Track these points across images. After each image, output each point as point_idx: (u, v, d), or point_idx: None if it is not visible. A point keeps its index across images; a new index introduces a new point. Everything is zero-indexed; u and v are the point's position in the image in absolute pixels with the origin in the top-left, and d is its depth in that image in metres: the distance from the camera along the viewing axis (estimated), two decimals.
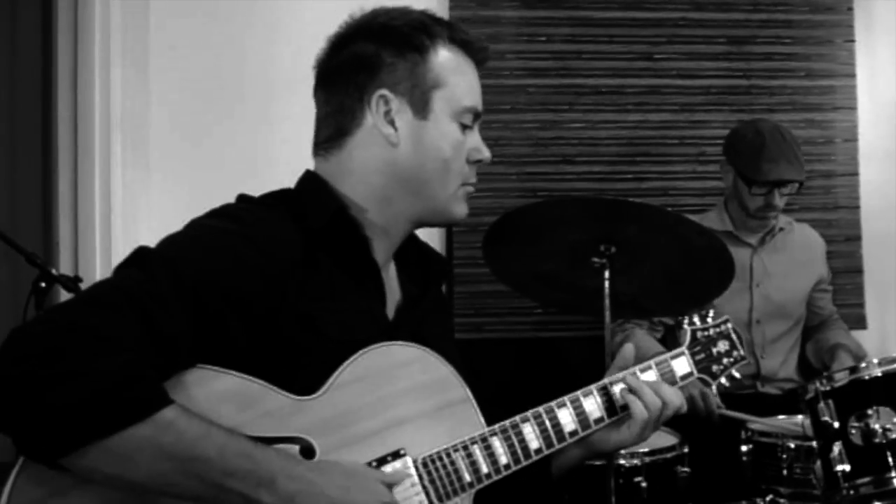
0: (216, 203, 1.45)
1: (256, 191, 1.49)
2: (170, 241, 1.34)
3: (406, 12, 1.51)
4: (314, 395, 1.35)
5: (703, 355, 1.70)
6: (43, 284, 2.57)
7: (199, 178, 3.18)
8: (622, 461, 2.43)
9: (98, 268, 3.05)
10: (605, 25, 3.47)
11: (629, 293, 2.47)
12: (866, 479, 2.11)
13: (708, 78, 3.52)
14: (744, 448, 2.54)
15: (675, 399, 1.58)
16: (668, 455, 2.51)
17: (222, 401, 1.28)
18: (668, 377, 1.64)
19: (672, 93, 3.50)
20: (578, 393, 1.56)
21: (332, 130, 1.50)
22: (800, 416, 2.53)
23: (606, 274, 2.37)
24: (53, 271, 2.61)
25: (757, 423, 2.60)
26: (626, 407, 1.57)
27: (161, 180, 3.20)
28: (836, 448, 2.12)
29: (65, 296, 2.74)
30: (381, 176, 1.48)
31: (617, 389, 1.57)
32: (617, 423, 1.58)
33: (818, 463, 2.22)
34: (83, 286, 2.65)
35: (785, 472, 2.46)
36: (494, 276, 2.72)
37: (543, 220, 2.46)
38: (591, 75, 3.47)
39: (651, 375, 1.62)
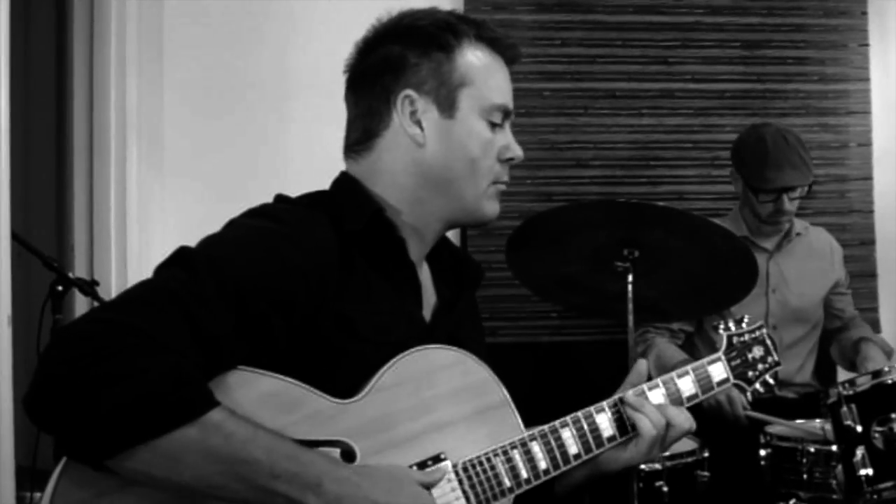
0: (231, 205, 1.44)
1: (272, 193, 1.48)
2: (211, 241, 1.33)
3: (432, 13, 1.50)
4: (354, 399, 1.34)
5: (738, 361, 1.69)
6: (60, 288, 2.57)
7: (213, 181, 3.18)
8: (643, 465, 2.42)
9: (113, 271, 3.05)
10: (620, 29, 3.48)
11: (650, 297, 2.46)
12: (889, 484, 2.11)
13: (722, 82, 3.53)
14: (763, 452, 2.53)
15: (684, 421, 1.54)
16: (689, 459, 2.50)
17: (264, 404, 1.27)
18: (705, 383, 1.63)
19: (686, 97, 3.51)
20: (604, 402, 1.54)
21: (361, 133, 1.49)
22: (818, 420, 2.53)
23: (630, 278, 2.37)
24: (70, 274, 2.61)
25: (780, 426, 2.60)
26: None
27: (176, 182, 3.20)
28: (859, 452, 2.12)
29: (81, 299, 2.74)
30: (410, 177, 1.47)
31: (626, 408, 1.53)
32: (625, 443, 1.54)
33: (839, 467, 2.22)
34: (100, 290, 2.65)
35: (804, 476, 2.44)
36: (517, 279, 2.71)
37: (568, 223, 2.45)
38: (605, 79, 3.48)
39: (658, 395, 1.57)
